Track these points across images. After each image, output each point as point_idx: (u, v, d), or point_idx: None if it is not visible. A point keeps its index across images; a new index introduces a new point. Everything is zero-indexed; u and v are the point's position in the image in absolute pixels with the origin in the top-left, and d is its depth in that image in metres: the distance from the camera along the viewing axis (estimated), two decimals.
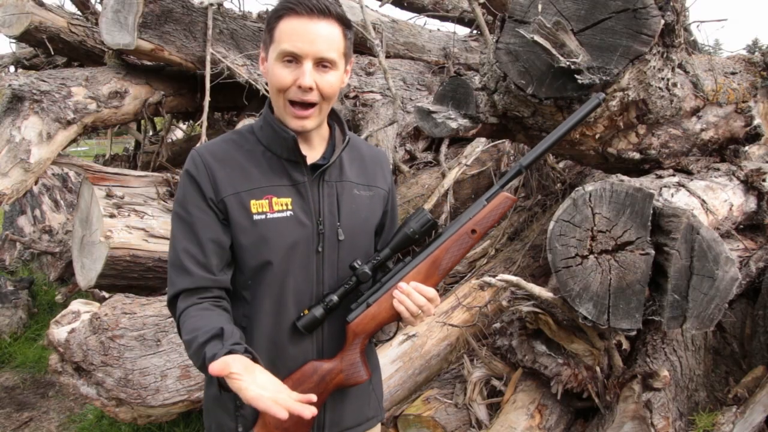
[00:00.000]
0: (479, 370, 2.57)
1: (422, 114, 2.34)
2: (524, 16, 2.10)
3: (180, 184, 1.33)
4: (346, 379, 1.35)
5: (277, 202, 1.30)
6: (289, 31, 1.22)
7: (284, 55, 1.23)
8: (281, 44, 1.23)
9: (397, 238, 1.36)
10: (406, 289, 1.31)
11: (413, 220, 1.35)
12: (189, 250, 1.27)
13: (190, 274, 1.26)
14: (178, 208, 1.31)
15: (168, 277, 1.32)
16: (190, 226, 1.28)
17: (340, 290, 1.33)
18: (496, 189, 1.39)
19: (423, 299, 1.30)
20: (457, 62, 5.34)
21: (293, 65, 1.24)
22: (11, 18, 4.28)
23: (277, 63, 1.24)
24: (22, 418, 3.51)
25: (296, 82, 1.24)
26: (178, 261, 1.28)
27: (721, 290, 1.79)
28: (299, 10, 1.22)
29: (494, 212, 1.37)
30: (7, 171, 3.42)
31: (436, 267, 1.35)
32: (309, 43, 1.22)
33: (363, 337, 1.35)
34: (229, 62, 4.13)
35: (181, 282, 1.27)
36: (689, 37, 3.39)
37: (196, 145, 1.45)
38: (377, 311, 1.34)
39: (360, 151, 1.48)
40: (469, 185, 4.30)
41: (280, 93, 1.26)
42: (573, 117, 1.44)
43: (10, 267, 5.79)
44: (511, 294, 2.46)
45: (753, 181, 2.67)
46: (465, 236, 1.36)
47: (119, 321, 2.58)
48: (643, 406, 2.19)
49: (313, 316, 1.31)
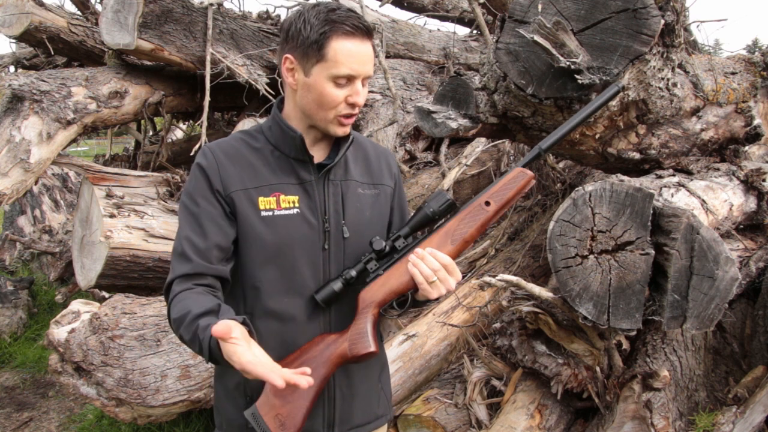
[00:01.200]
0: (479, 370, 2.57)
1: (422, 114, 2.34)
2: (524, 16, 2.10)
3: (190, 176, 1.36)
4: (351, 347, 1.31)
5: (285, 199, 1.33)
6: (346, 53, 1.25)
7: (341, 77, 1.27)
8: (338, 67, 1.25)
9: (417, 218, 1.37)
10: (420, 253, 1.30)
11: (433, 200, 1.36)
12: (191, 238, 1.29)
13: (189, 260, 1.28)
14: (186, 199, 1.34)
15: (171, 261, 1.34)
16: (195, 216, 1.31)
17: (358, 265, 1.35)
18: (514, 167, 1.39)
19: (437, 264, 1.29)
20: (457, 62, 5.34)
21: (345, 84, 1.28)
22: (11, 18, 4.28)
23: (329, 83, 1.27)
24: (22, 418, 3.52)
25: (347, 100, 1.29)
26: (179, 248, 1.31)
27: (721, 290, 1.79)
28: (352, 30, 1.25)
29: (510, 185, 1.37)
30: (7, 171, 3.42)
31: (448, 237, 1.35)
32: (362, 65, 1.28)
33: (373, 306, 1.34)
34: (229, 62, 4.13)
35: (180, 268, 1.29)
36: (689, 37, 3.39)
37: (207, 143, 1.48)
38: (387, 278, 1.34)
39: (365, 149, 1.50)
40: (469, 185, 4.30)
41: (331, 110, 1.30)
42: (592, 104, 1.46)
43: (10, 267, 5.79)
44: (511, 294, 2.46)
45: (753, 181, 2.68)
46: (478, 208, 1.36)
47: (119, 321, 2.59)
48: (643, 406, 2.19)
49: (331, 289, 1.32)
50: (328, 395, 1.39)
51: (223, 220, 1.31)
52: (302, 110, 1.34)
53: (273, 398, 1.27)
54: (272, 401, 1.27)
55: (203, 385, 2.57)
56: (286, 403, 1.26)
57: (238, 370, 1.08)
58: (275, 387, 1.08)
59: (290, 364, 1.28)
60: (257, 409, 1.27)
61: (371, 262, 1.36)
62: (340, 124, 1.33)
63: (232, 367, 1.09)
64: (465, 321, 2.95)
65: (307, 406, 1.27)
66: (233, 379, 1.37)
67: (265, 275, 1.33)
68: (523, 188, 1.39)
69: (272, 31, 4.65)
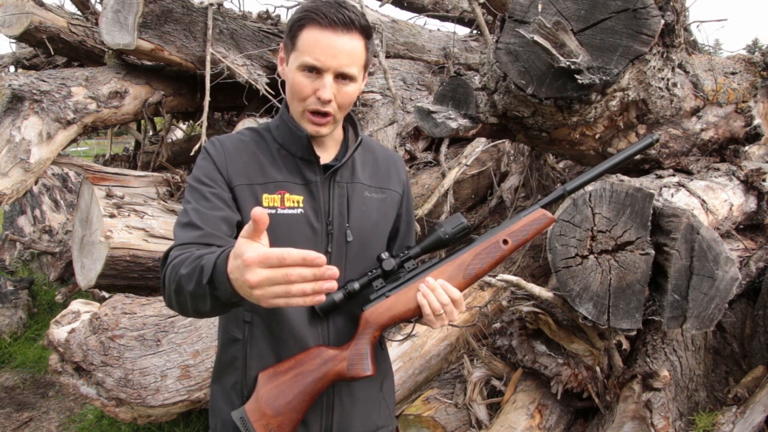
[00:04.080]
0: (479, 370, 2.57)
1: (422, 114, 2.34)
2: (524, 16, 2.10)
3: (197, 163, 1.33)
4: (349, 367, 1.30)
5: (289, 198, 1.30)
6: (312, 42, 1.22)
7: (305, 66, 1.24)
8: (303, 56, 1.23)
9: (429, 239, 1.34)
10: (432, 284, 1.28)
11: (447, 224, 1.34)
12: (199, 209, 1.24)
13: (198, 228, 1.21)
14: (193, 181, 1.30)
15: (173, 235, 1.27)
16: (202, 193, 1.27)
17: (362, 279, 1.32)
18: (535, 207, 1.38)
19: (447, 298, 1.28)
20: (457, 62, 5.34)
21: (314, 75, 1.24)
22: (11, 18, 4.28)
23: (298, 72, 1.25)
24: (22, 418, 3.51)
25: (316, 93, 1.25)
26: (185, 219, 1.24)
27: (721, 290, 1.79)
28: (323, 22, 1.21)
29: (530, 227, 1.35)
30: (7, 171, 3.42)
31: (461, 270, 1.33)
32: (331, 57, 1.22)
33: (374, 328, 1.32)
34: (229, 62, 4.13)
35: (186, 236, 1.21)
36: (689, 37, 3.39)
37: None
38: (393, 303, 1.31)
39: (374, 153, 1.47)
40: (469, 185, 4.30)
41: (300, 101, 1.27)
42: (627, 150, 1.45)
43: (10, 267, 5.79)
44: (511, 294, 2.46)
45: (753, 181, 2.68)
46: (495, 245, 1.35)
47: (119, 321, 2.58)
48: (643, 406, 2.19)
49: (331, 299, 1.29)
50: (327, 402, 1.36)
51: (229, 202, 1.28)
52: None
53: (264, 406, 1.25)
54: (263, 409, 1.25)
55: (203, 385, 2.57)
56: (277, 413, 1.24)
57: (246, 269, 0.89)
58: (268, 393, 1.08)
59: (285, 373, 1.27)
60: (246, 414, 1.25)
61: (378, 279, 1.33)
62: (311, 122, 1.28)
63: (230, 286, 0.96)
64: (465, 321, 2.95)
65: (298, 418, 1.26)
66: (231, 378, 1.35)
67: None
68: (542, 230, 1.38)
69: (272, 31, 4.65)
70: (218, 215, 1.24)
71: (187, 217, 1.24)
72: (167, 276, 1.15)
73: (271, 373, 1.27)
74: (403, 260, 1.34)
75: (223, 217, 1.24)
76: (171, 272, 1.13)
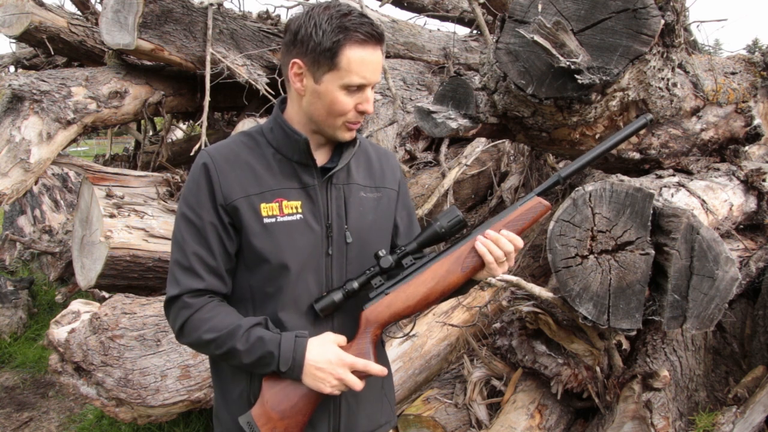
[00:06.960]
0: (479, 370, 2.57)
1: (422, 114, 2.34)
2: (524, 16, 2.10)
3: (190, 184, 1.31)
4: None
5: (287, 205, 1.30)
6: (358, 62, 1.23)
7: (352, 86, 1.25)
8: (349, 76, 1.23)
9: (425, 234, 1.35)
10: (493, 236, 1.30)
11: (443, 218, 1.34)
12: (199, 254, 1.27)
13: (201, 278, 1.27)
14: (188, 210, 1.29)
15: (170, 276, 1.30)
16: (200, 230, 1.27)
17: (361, 278, 1.33)
18: (531, 195, 1.37)
19: (511, 246, 1.30)
20: (457, 62, 5.34)
21: (356, 91, 1.27)
22: (11, 18, 4.28)
23: (341, 92, 1.25)
24: (22, 418, 3.51)
25: (356, 107, 1.28)
26: (187, 263, 1.27)
27: (721, 290, 1.79)
28: (366, 39, 1.23)
29: (526, 215, 1.35)
30: (7, 171, 3.42)
31: (460, 263, 1.32)
32: (374, 73, 1.27)
33: (375, 326, 1.33)
34: (229, 62, 4.13)
35: (190, 282, 1.27)
36: (689, 37, 3.39)
37: (206, 146, 1.45)
38: (393, 300, 1.32)
39: (367, 152, 1.47)
40: (469, 185, 4.30)
41: (339, 116, 1.29)
42: (620, 133, 1.44)
43: (10, 267, 5.79)
44: (511, 294, 2.46)
45: (753, 181, 2.68)
46: None
47: (119, 321, 2.58)
48: (643, 406, 2.19)
49: (331, 299, 1.30)
50: (334, 404, 1.37)
51: (226, 233, 1.28)
52: (309, 116, 1.31)
53: (270, 410, 1.25)
54: (269, 413, 1.25)
55: (203, 385, 2.57)
56: (283, 417, 1.25)
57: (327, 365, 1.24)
58: (273, 397, 1.18)
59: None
60: (253, 419, 1.26)
61: (376, 277, 1.33)
62: (348, 130, 1.31)
63: (300, 374, 1.24)
64: (465, 321, 2.95)
65: (305, 420, 1.27)
66: (236, 387, 1.35)
67: (269, 282, 1.30)
68: (539, 219, 1.37)
69: (272, 31, 4.65)
70: (220, 259, 1.29)
71: (188, 262, 1.28)
72: (191, 326, 1.27)
73: (276, 377, 1.28)
74: (400, 256, 1.34)
75: (222, 257, 1.29)
76: (198, 324, 1.27)
